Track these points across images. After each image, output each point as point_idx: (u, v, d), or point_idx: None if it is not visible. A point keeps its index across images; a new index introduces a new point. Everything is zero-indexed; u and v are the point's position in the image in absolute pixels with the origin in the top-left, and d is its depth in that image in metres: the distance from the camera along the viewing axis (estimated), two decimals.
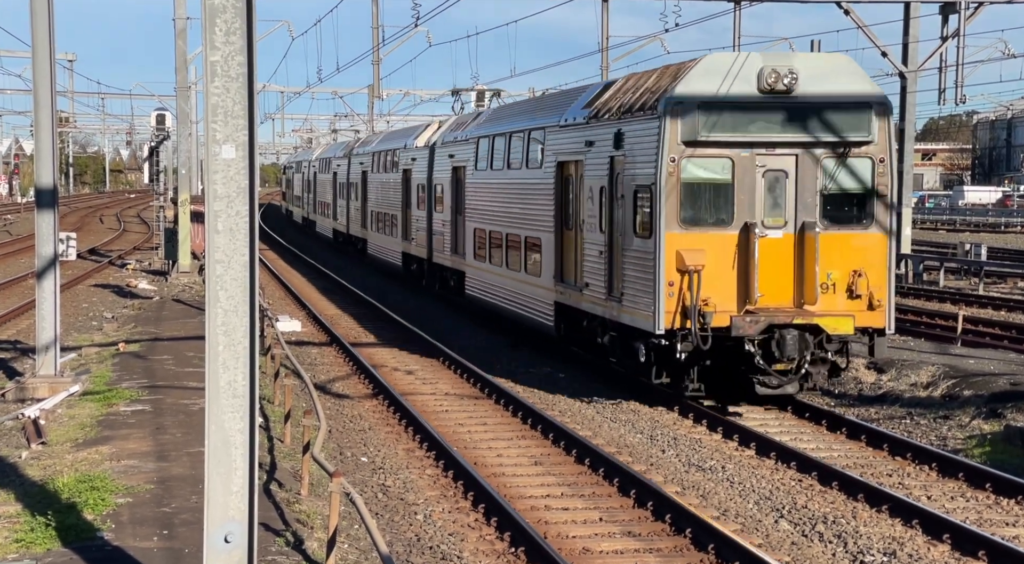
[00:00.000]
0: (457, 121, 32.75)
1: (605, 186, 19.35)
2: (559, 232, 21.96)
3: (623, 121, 18.83)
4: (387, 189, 40.10)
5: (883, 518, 13.24)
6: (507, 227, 25.10)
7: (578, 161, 20.82)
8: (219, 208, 7.77)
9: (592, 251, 19.98)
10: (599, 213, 19.69)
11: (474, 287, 28.09)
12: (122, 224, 74.01)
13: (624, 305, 18.60)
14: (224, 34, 7.71)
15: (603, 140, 19.57)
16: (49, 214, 19.07)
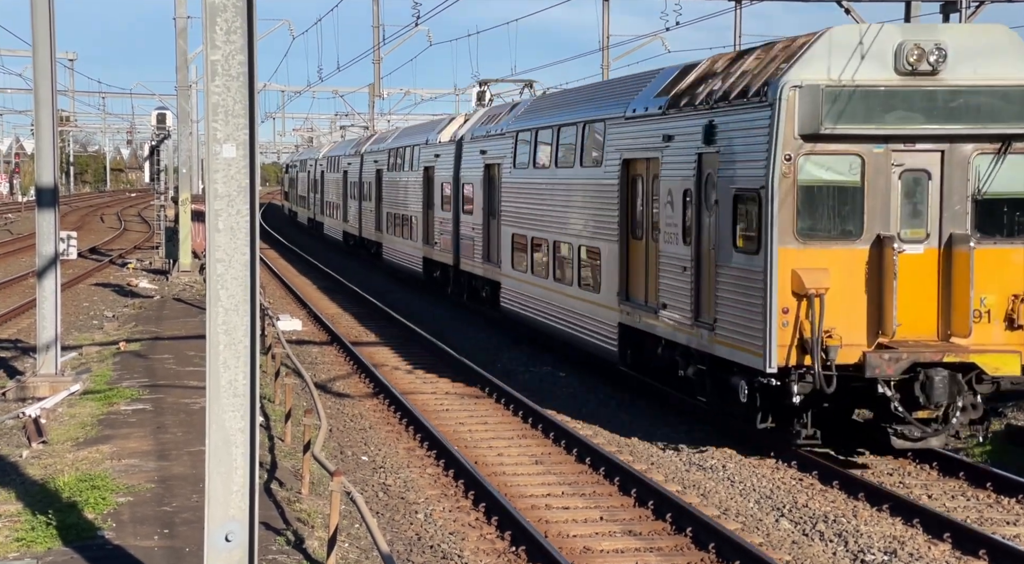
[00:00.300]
0: (488, 113, 29.67)
1: (691, 189, 16.40)
2: (624, 241, 19.00)
3: (716, 111, 15.85)
4: (405, 189, 37.30)
5: (884, 517, 13.23)
6: (556, 234, 22.21)
7: (651, 159, 17.90)
8: (220, 207, 7.77)
9: (672, 266, 17.02)
10: (682, 221, 16.71)
11: (512, 300, 25.16)
12: (123, 223, 74.02)
13: (718, 334, 15.54)
14: (225, 33, 7.71)
15: (687, 134, 16.63)
16: (50, 213, 19.07)
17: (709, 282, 15.90)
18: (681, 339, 16.77)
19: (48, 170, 19.00)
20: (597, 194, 20.10)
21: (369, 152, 44.75)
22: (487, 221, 27.49)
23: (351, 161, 48.92)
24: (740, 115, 15.32)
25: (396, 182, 38.65)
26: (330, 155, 58.10)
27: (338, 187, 53.18)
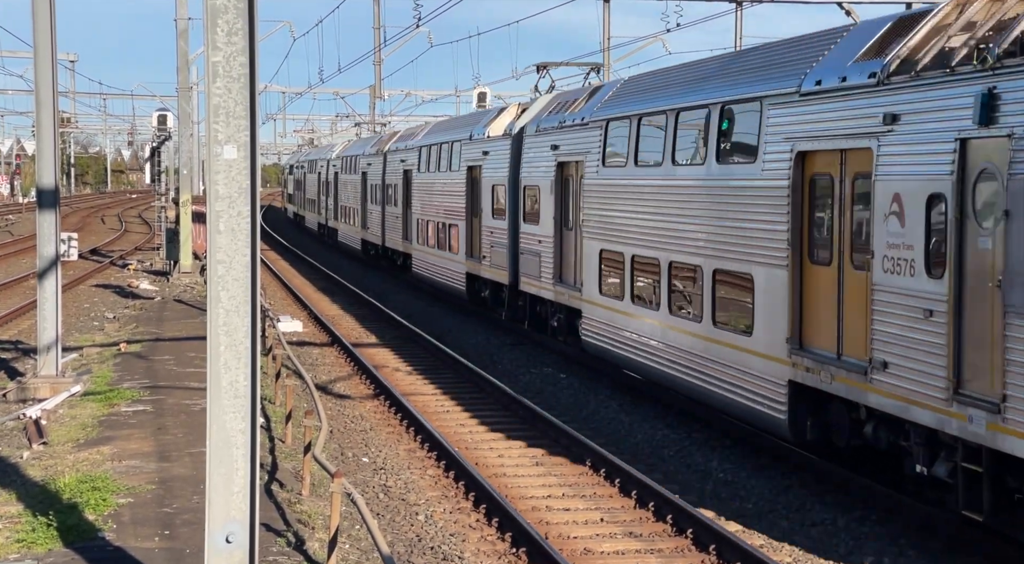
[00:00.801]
0: (558, 101, 24.67)
1: (943, 193, 11.30)
2: (798, 267, 14.02)
3: (1002, 74, 10.72)
4: (442, 193, 32.31)
5: None
6: (674, 252, 17.18)
7: (855, 150, 12.85)
8: (221, 208, 7.77)
9: (900, 308, 11.95)
10: (924, 241, 11.67)
11: (599, 334, 20.24)
12: (123, 224, 74.05)
13: (1010, 419, 10.42)
14: (226, 34, 7.72)
15: (937, 111, 11.52)
16: (51, 214, 19.08)
17: (988, 336, 10.77)
18: (923, 418, 11.64)
19: (49, 171, 19.01)
20: (748, 200, 15.20)
21: (395, 151, 40.10)
22: (560, 234, 23.11)
23: (372, 161, 44.85)
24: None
25: (429, 185, 33.83)
26: (347, 154, 53.09)
27: (356, 190, 48.21)
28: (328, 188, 58.46)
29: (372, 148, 45.76)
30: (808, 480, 14.45)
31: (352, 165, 50.00)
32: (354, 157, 49.82)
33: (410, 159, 36.60)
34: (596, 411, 18.96)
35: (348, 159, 51.68)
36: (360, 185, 47.32)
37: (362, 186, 46.97)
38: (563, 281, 22.88)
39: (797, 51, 15.02)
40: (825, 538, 12.54)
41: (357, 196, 48.21)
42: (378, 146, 44.58)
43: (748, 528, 12.92)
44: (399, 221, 38.84)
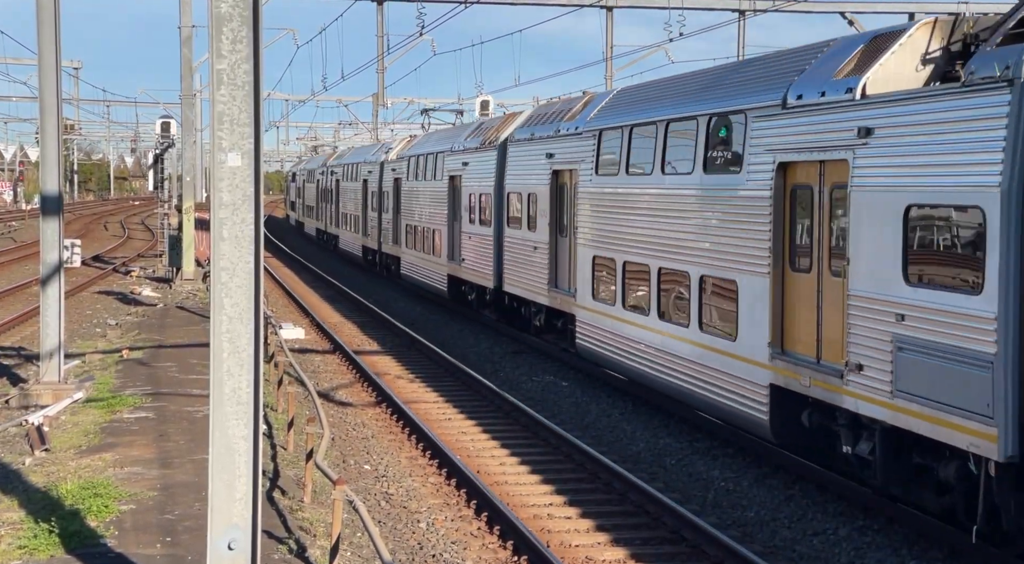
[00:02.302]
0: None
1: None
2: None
3: None
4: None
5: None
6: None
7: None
8: (224, 215, 7.80)
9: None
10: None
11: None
12: (126, 231, 74.10)
13: None
14: (231, 42, 7.75)
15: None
16: (54, 221, 19.11)
17: None
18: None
19: (52, 178, 19.04)
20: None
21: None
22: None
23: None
24: None
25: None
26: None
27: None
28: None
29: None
30: (810, 489, 14.50)
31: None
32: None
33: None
34: (597, 419, 18.96)
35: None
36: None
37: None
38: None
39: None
40: (827, 547, 12.56)
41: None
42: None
43: (750, 537, 12.92)
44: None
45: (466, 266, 29.98)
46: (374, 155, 46.17)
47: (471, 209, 29.43)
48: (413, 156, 37.14)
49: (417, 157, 36.30)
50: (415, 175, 36.19)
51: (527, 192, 25.12)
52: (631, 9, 37.13)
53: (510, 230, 26.34)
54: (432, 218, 33.65)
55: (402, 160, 39.04)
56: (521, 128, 26.35)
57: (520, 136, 25.98)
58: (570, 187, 22.46)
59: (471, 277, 29.61)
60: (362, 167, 47.99)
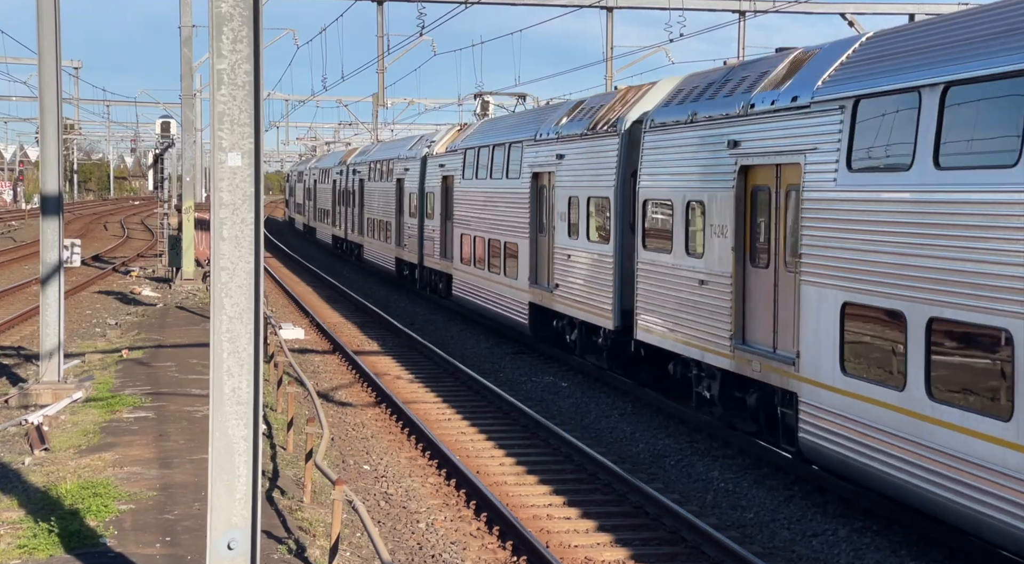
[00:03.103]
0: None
1: None
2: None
3: None
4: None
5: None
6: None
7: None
8: (225, 215, 7.80)
9: None
10: None
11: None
12: (126, 231, 74.12)
13: None
14: (231, 42, 7.75)
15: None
16: (54, 221, 19.11)
17: None
18: None
19: (52, 178, 19.04)
20: None
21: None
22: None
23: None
24: None
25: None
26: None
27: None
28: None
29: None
30: (809, 490, 14.50)
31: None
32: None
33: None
34: (597, 420, 18.96)
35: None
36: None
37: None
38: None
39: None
40: (826, 548, 12.56)
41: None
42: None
43: (749, 538, 12.92)
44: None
45: (563, 294, 22.74)
46: (412, 149, 38.71)
47: (572, 218, 22.27)
48: (471, 148, 29.97)
49: (477, 149, 29.22)
50: (475, 172, 29.38)
51: (686, 198, 17.38)
52: (631, 10, 37.10)
53: (649, 253, 18.57)
54: (504, 227, 26.53)
55: (454, 154, 31.96)
56: (666, 106, 18.47)
57: (665, 118, 18.15)
58: (779, 191, 15.09)
59: (573, 310, 22.33)
60: (395, 164, 40.44)
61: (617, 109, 21.05)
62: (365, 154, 49.45)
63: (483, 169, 28.60)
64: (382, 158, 43.72)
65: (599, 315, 21.07)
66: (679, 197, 17.63)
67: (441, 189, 33.22)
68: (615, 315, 20.37)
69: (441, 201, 33.29)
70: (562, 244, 22.81)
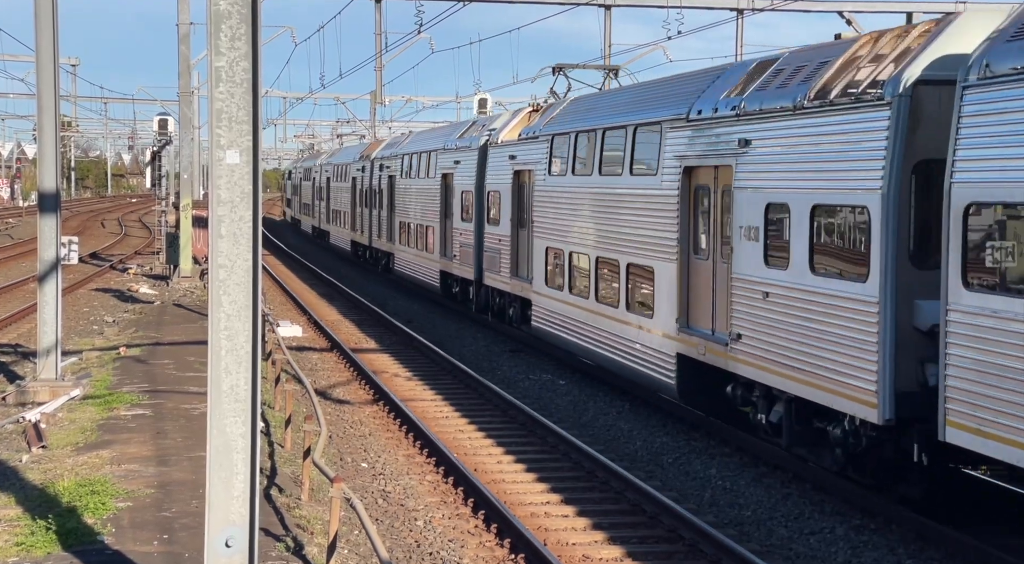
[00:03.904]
0: None
1: None
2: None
3: None
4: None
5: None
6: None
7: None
8: (223, 213, 7.79)
9: None
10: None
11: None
12: (124, 228, 74.09)
13: None
14: (229, 39, 7.75)
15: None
16: (52, 218, 19.11)
17: None
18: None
19: (50, 175, 19.03)
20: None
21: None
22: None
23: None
24: None
25: None
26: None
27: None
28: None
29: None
30: (807, 489, 14.51)
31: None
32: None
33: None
34: (595, 418, 18.96)
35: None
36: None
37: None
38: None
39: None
40: (823, 546, 12.57)
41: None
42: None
43: (747, 535, 12.92)
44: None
45: (754, 350, 15.11)
46: (463, 138, 31.41)
47: (772, 237, 14.88)
48: (563, 133, 22.51)
49: (573, 136, 21.89)
50: (569, 166, 22.03)
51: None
52: (629, 7, 37.09)
53: (994, 296, 10.95)
54: (627, 243, 19.24)
55: (533, 141, 24.86)
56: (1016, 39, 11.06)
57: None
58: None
59: (774, 378, 14.67)
60: (438, 157, 33.20)
61: (867, 66, 13.54)
62: (395, 146, 41.70)
63: (585, 162, 21.17)
64: (420, 150, 35.96)
65: (843, 394, 13.22)
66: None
67: (512, 187, 26.32)
68: (884, 399, 12.56)
69: (512, 202, 26.47)
70: (750, 274, 15.24)
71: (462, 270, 30.72)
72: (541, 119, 25.35)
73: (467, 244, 29.95)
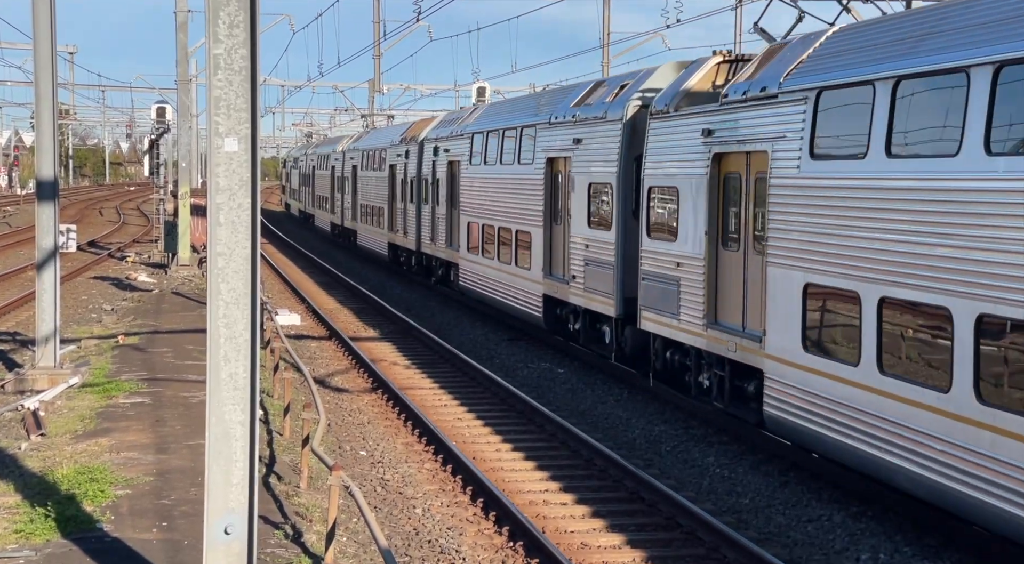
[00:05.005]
0: None
1: None
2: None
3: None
4: None
5: None
6: None
7: None
8: (221, 201, 7.79)
9: None
10: None
11: None
12: (122, 217, 74.03)
13: None
14: (227, 27, 7.74)
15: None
16: (49, 206, 19.09)
17: None
18: None
19: (48, 163, 19.01)
20: None
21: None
22: None
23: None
24: None
25: None
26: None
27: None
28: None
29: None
30: (804, 477, 14.54)
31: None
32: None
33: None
34: (593, 406, 18.98)
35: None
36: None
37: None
38: None
39: None
40: (821, 533, 12.61)
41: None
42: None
43: (744, 523, 12.95)
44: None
45: None
46: (597, 101, 21.18)
47: None
48: (732, 107, 15.53)
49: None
50: (733, 136, 15.44)
51: None
52: None
53: None
54: None
55: (676, 117, 17.28)
56: None
57: None
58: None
59: None
60: (535, 135, 23.62)
61: None
62: (456, 124, 32.07)
63: (847, 139, 12.97)
64: (506, 126, 25.96)
65: None
66: None
67: (709, 183, 16.15)
68: None
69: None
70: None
71: (586, 299, 20.82)
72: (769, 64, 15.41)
73: (597, 261, 20.48)
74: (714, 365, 16.17)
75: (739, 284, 15.56)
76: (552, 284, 22.75)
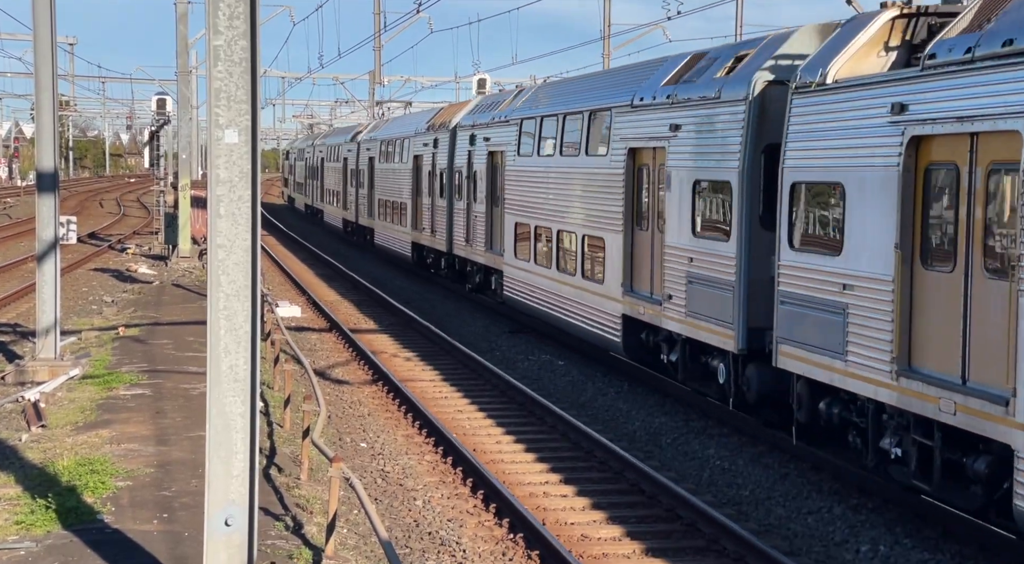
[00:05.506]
0: None
1: None
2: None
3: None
4: None
5: None
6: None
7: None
8: (221, 192, 7.79)
9: None
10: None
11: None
12: (122, 208, 73.99)
13: None
14: (227, 18, 7.73)
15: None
16: (50, 197, 19.08)
17: None
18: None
19: (48, 155, 19.00)
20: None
21: None
22: None
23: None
24: None
25: None
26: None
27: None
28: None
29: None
30: (805, 469, 14.55)
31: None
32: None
33: None
34: (593, 398, 18.99)
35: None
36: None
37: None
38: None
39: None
40: (821, 525, 12.62)
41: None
42: None
43: (744, 515, 12.96)
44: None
45: None
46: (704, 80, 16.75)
47: None
48: None
49: None
50: None
51: None
52: None
53: None
54: None
55: (839, 90, 13.19)
56: None
57: None
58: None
59: None
60: (616, 122, 19.18)
61: None
62: (496, 108, 27.75)
63: None
64: (569, 110, 21.60)
65: None
66: None
67: (903, 177, 11.91)
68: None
69: (900, 203, 12.66)
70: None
71: (689, 326, 16.66)
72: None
73: (708, 279, 16.17)
74: (911, 429, 11.81)
75: (955, 319, 11.07)
76: (636, 303, 18.41)
